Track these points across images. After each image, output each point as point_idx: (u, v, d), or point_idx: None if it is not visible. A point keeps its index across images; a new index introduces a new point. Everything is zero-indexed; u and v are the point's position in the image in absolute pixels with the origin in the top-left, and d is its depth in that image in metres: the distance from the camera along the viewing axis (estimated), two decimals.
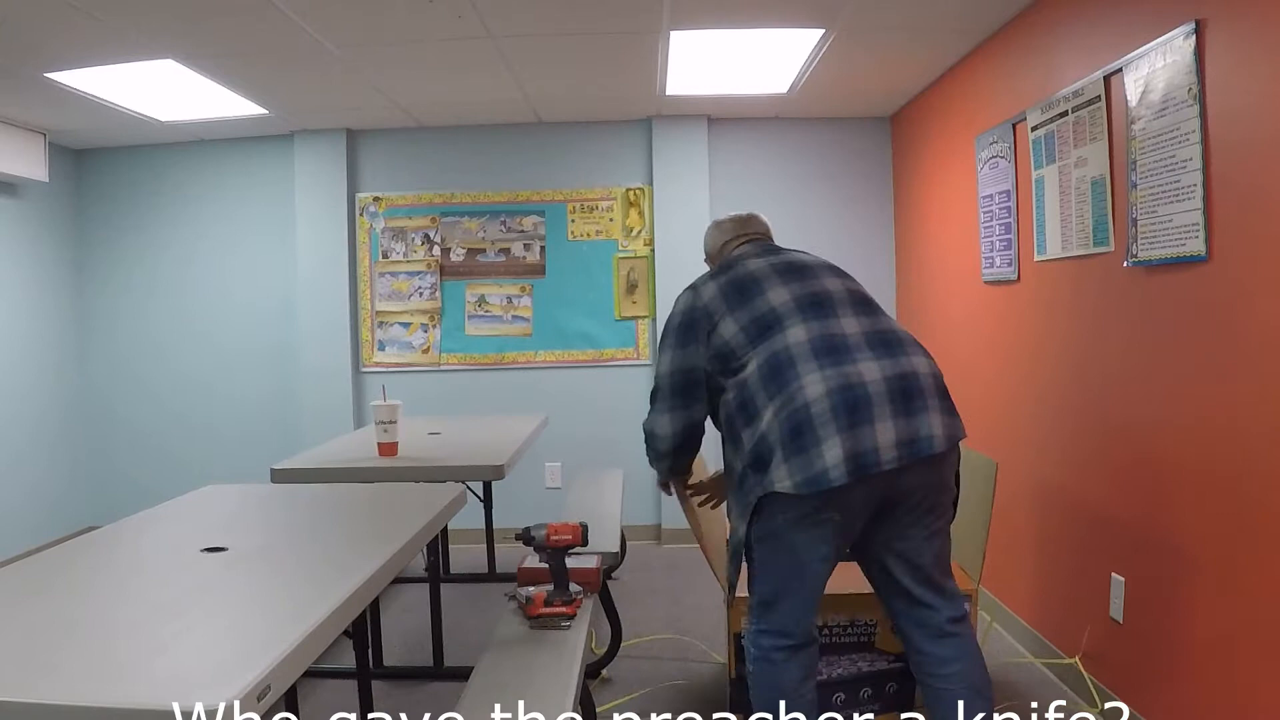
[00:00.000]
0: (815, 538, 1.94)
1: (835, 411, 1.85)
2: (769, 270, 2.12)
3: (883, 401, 1.87)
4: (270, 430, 5.06)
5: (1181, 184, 2.23)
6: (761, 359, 1.97)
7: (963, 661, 2.02)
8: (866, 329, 2.01)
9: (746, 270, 2.14)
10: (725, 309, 2.08)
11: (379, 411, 3.00)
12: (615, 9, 3.18)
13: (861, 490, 1.87)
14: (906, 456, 1.86)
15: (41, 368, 4.84)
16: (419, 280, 4.99)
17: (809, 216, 4.95)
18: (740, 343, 2.03)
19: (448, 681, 3.09)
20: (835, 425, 1.84)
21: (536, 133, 4.98)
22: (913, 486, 1.94)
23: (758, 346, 1.99)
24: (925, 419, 1.89)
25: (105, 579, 1.62)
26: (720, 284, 2.14)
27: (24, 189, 4.70)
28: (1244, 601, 2.07)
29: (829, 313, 2.02)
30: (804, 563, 1.97)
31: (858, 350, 1.95)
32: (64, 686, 1.12)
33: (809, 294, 2.05)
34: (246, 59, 3.58)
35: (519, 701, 1.95)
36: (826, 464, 1.83)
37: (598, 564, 2.68)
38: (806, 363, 1.92)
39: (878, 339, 1.99)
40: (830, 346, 1.94)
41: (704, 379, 2.13)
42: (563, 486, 5.02)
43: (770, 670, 2.02)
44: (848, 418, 1.85)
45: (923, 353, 2.02)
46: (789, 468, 1.85)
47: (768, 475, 1.89)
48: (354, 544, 1.85)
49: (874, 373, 1.90)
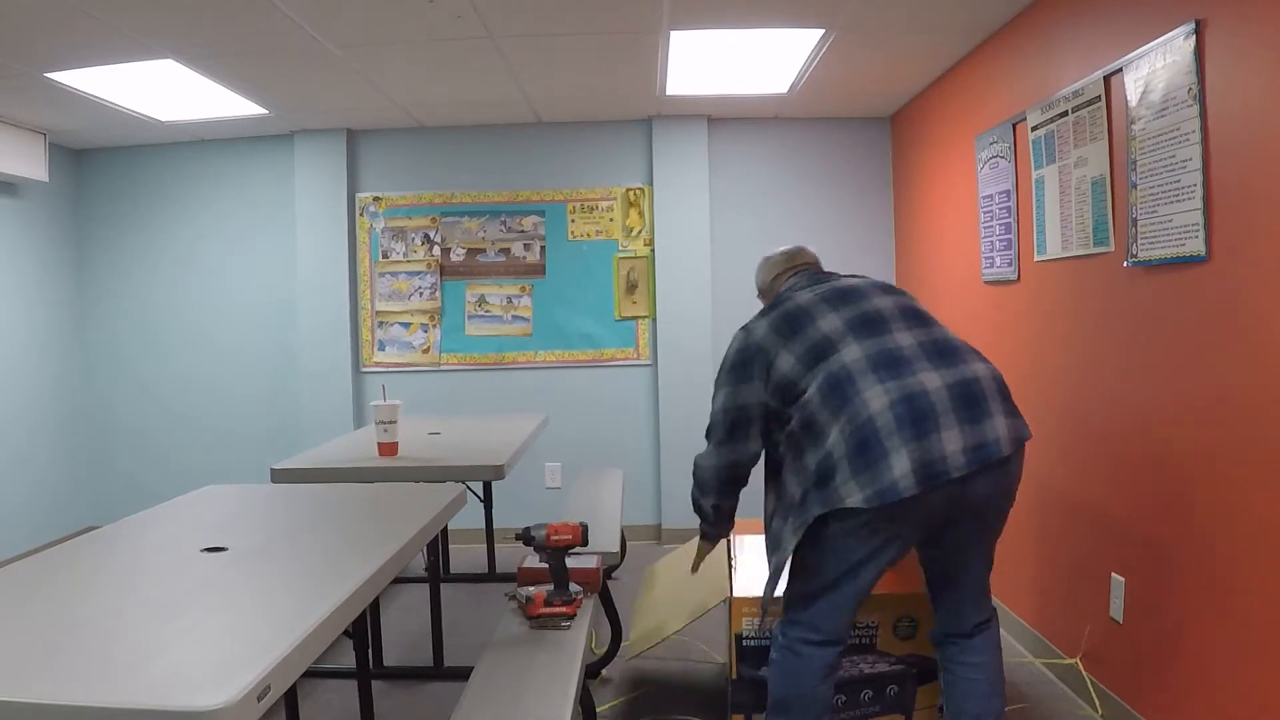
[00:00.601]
0: (873, 549, 1.94)
1: (900, 423, 1.86)
2: (817, 300, 2.13)
3: (947, 410, 1.88)
4: (270, 430, 5.06)
5: (1181, 184, 2.23)
6: (820, 380, 1.98)
7: (988, 653, 2.10)
8: (921, 340, 2.02)
9: (795, 304, 2.14)
10: (779, 343, 2.09)
11: (379, 411, 3.00)
12: (615, 9, 3.18)
13: (929, 501, 1.87)
14: (974, 462, 1.86)
15: (42, 368, 4.84)
16: (419, 280, 4.99)
17: (809, 216, 4.96)
18: (799, 372, 2.04)
19: (448, 681, 3.09)
20: (901, 436, 1.85)
21: (536, 133, 4.98)
22: (981, 495, 1.93)
23: (815, 371, 2.00)
24: (990, 423, 1.90)
25: (105, 579, 1.62)
26: (771, 320, 2.14)
27: (24, 189, 4.70)
28: (1244, 602, 2.07)
29: (882, 329, 2.03)
30: (855, 573, 1.97)
31: (916, 361, 1.95)
32: (64, 686, 1.12)
33: (859, 315, 2.07)
34: (246, 59, 3.58)
35: (519, 701, 1.95)
36: (895, 475, 1.83)
37: (598, 564, 2.68)
38: (865, 377, 1.93)
39: (934, 349, 2.00)
40: (888, 360, 1.95)
41: (758, 417, 2.16)
42: (563, 486, 5.02)
43: (793, 662, 2.05)
44: (913, 428, 1.85)
45: (980, 358, 2.03)
46: (857, 482, 1.86)
47: (833, 491, 1.89)
48: (354, 544, 1.85)
49: (935, 381, 1.91)
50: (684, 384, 4.89)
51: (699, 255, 4.89)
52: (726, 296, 4.97)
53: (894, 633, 2.51)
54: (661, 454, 4.92)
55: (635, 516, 4.99)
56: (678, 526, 4.89)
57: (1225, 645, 2.14)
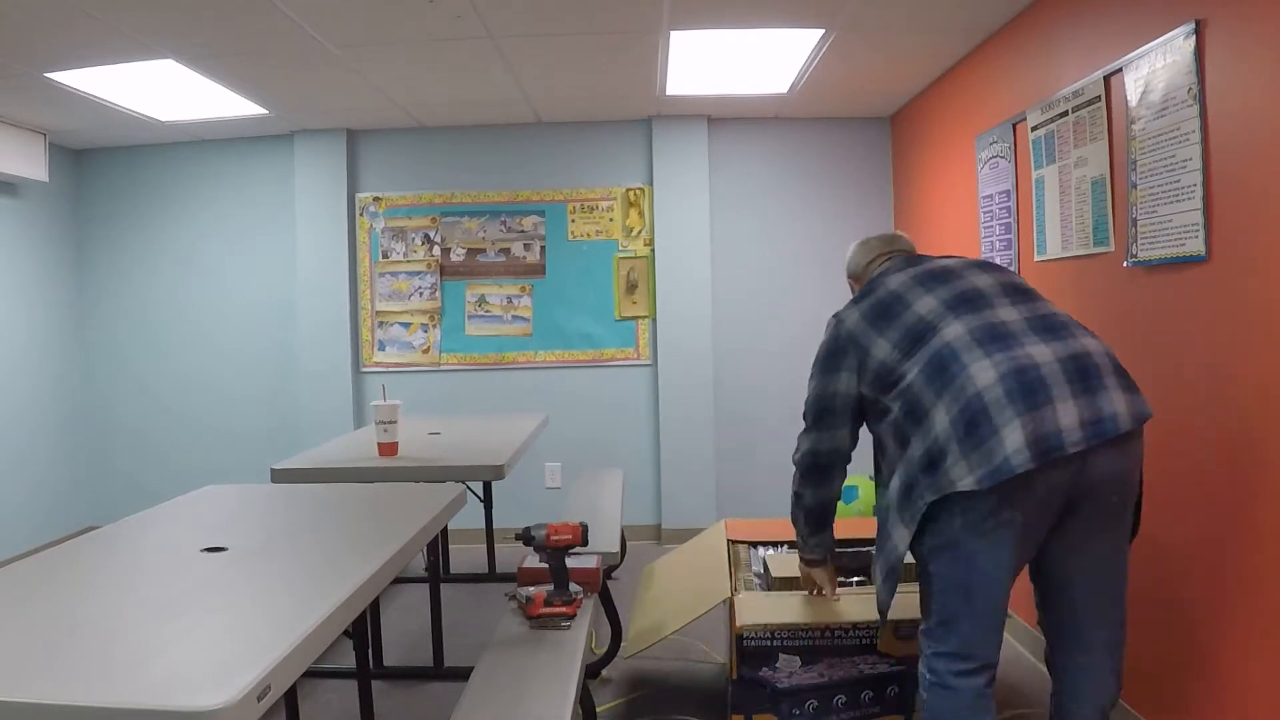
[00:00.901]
0: (996, 543, 1.78)
1: (1011, 396, 1.73)
2: (911, 282, 2.04)
3: (1060, 382, 1.74)
4: (270, 430, 5.06)
5: (1181, 184, 2.23)
6: (922, 363, 1.88)
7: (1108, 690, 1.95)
8: (1027, 315, 1.90)
9: (888, 289, 2.07)
10: (873, 332, 2.02)
11: (379, 411, 3.00)
12: (615, 9, 3.18)
13: (1047, 480, 1.73)
14: (1093, 437, 1.71)
15: (42, 368, 4.84)
16: (419, 280, 4.99)
17: (809, 216, 4.96)
18: (896, 359, 1.95)
19: (448, 681, 3.09)
20: (1014, 409, 1.72)
21: (536, 133, 4.98)
22: (1101, 476, 1.78)
23: (914, 355, 1.91)
24: (1106, 396, 1.75)
25: (105, 579, 1.62)
26: (863, 309, 2.08)
27: (24, 189, 4.70)
28: (1244, 602, 2.07)
29: (983, 305, 1.92)
30: (985, 574, 1.81)
31: (1023, 335, 1.84)
32: (64, 686, 1.12)
33: (956, 294, 1.96)
34: (246, 59, 3.58)
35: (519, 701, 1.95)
36: (1008, 450, 1.69)
37: (598, 564, 2.68)
38: (971, 352, 1.81)
39: (1040, 324, 1.88)
40: (994, 335, 1.84)
41: (846, 409, 2.12)
42: (563, 486, 5.02)
43: (948, 697, 1.85)
44: (1025, 400, 1.72)
45: (1090, 333, 1.90)
46: (968, 463, 1.73)
47: (943, 475, 1.76)
48: (354, 544, 1.85)
49: (1045, 355, 1.78)
50: (684, 384, 4.89)
51: (699, 255, 4.89)
52: (726, 296, 4.97)
53: (895, 633, 2.51)
54: (661, 454, 4.92)
55: (635, 516, 4.99)
56: (678, 526, 4.89)
57: (1225, 645, 2.14)
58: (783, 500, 4.90)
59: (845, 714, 2.54)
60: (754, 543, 3.11)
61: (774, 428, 4.99)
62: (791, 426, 5.52)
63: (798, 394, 5.40)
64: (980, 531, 1.78)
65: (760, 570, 2.87)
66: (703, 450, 4.90)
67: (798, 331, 4.94)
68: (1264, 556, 2.00)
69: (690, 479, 4.91)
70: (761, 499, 4.97)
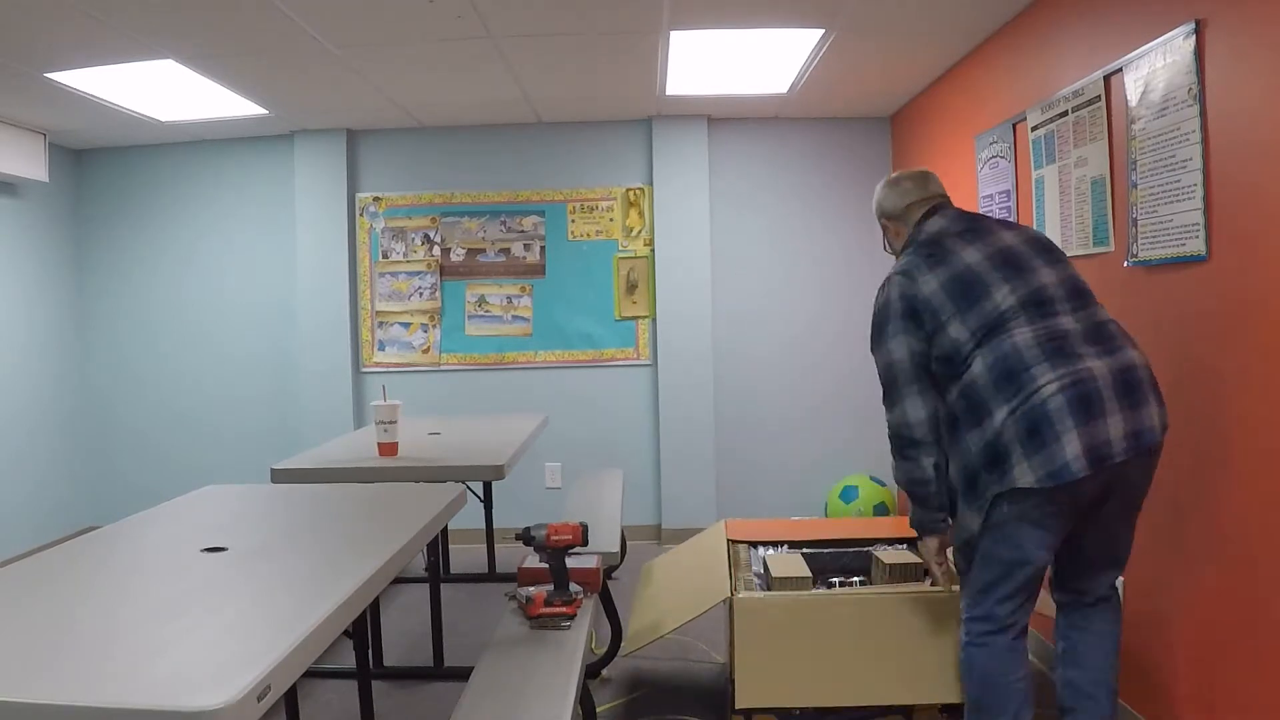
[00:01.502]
0: (1042, 528, 2.01)
1: (1071, 407, 1.93)
2: (987, 265, 2.12)
3: (1111, 396, 1.95)
4: (270, 430, 5.06)
5: (1181, 184, 2.23)
6: (990, 360, 2.02)
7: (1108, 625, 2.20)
8: (1084, 324, 2.07)
9: (964, 264, 2.13)
10: (953, 310, 2.10)
11: (379, 411, 3.00)
12: (615, 9, 3.18)
13: (1092, 481, 1.95)
14: (1133, 449, 1.95)
15: (42, 368, 4.84)
16: (419, 280, 4.99)
17: (809, 216, 4.96)
18: (968, 346, 2.07)
19: (448, 681, 3.09)
20: (1073, 419, 1.92)
21: (536, 133, 4.98)
22: (1134, 478, 2.04)
23: (983, 347, 2.05)
24: (1147, 411, 1.98)
25: (105, 579, 1.62)
26: (941, 280, 2.13)
27: (24, 189, 4.70)
28: (1245, 602, 2.07)
29: (1050, 311, 2.07)
30: (1027, 554, 2.03)
31: (1079, 346, 2.02)
32: (64, 686, 1.12)
33: (1031, 293, 2.09)
34: (246, 59, 3.58)
35: (519, 701, 1.95)
36: (1068, 457, 1.91)
37: (598, 564, 2.68)
38: (1039, 364, 1.99)
39: (1094, 333, 2.05)
40: (1057, 346, 2.01)
41: (925, 365, 2.15)
42: (563, 486, 5.02)
43: (980, 655, 2.10)
44: (1084, 412, 1.93)
45: (1133, 344, 2.08)
46: (1030, 464, 1.94)
47: (1007, 473, 1.97)
48: (354, 544, 1.85)
49: (1101, 368, 1.98)
50: (684, 384, 4.89)
51: (699, 255, 4.89)
52: (726, 296, 4.97)
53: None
54: (661, 454, 4.92)
55: (635, 516, 4.99)
56: (678, 526, 4.89)
57: (1226, 645, 2.14)
58: (783, 500, 4.95)
59: (845, 714, 2.54)
60: (754, 543, 3.11)
61: (774, 428, 4.99)
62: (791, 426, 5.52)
63: (798, 394, 5.42)
64: (1031, 520, 2.00)
65: (760, 570, 2.87)
66: (703, 450, 4.90)
67: (798, 331, 4.95)
68: (1265, 556, 2.00)
69: (690, 479, 4.91)
70: (761, 499, 4.97)
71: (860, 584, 2.74)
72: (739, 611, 2.54)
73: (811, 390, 4.97)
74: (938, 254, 2.17)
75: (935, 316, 2.11)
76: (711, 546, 3.09)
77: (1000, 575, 2.07)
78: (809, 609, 2.54)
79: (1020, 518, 2.00)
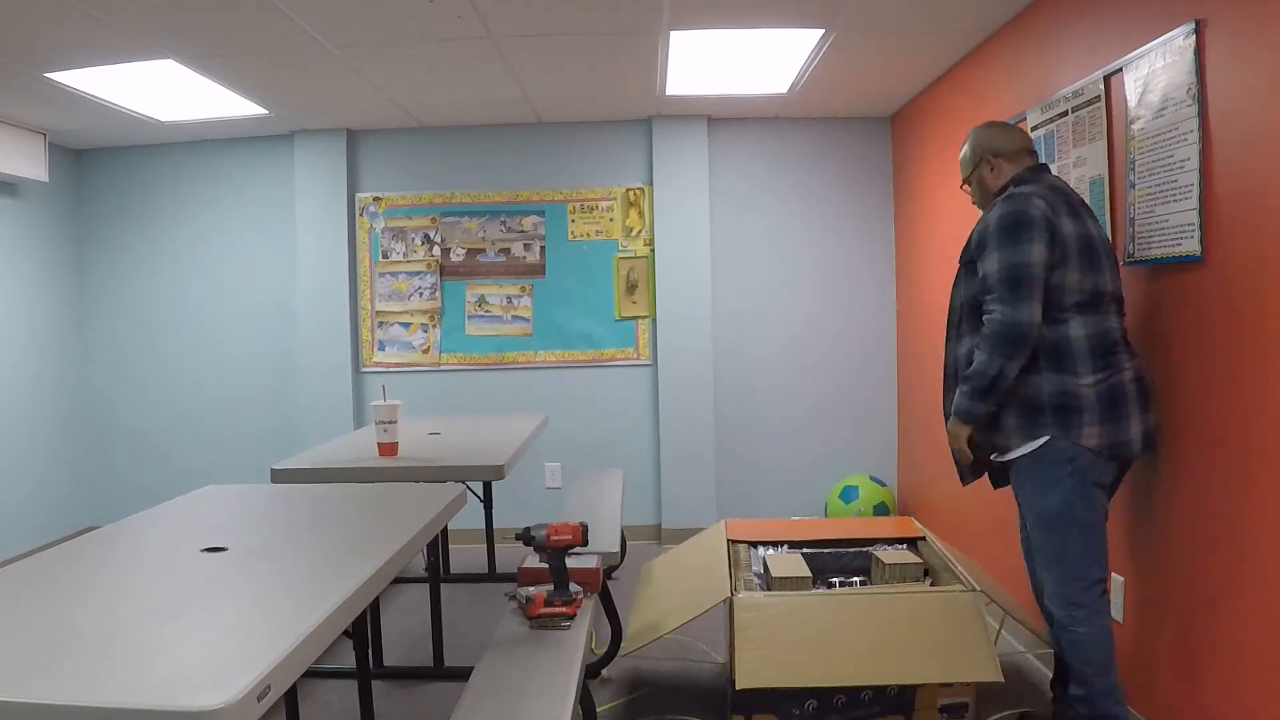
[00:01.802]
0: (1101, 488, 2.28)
1: (1137, 395, 2.23)
2: (1099, 248, 2.27)
3: (1146, 397, 2.27)
4: (270, 430, 5.06)
5: (1178, 184, 2.23)
6: (1091, 330, 2.22)
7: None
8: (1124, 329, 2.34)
9: (1088, 231, 2.26)
10: (1077, 261, 2.22)
11: (379, 411, 3.00)
12: (615, 9, 3.18)
13: (1127, 467, 2.30)
14: (1149, 446, 2.29)
15: (42, 368, 4.84)
16: (419, 280, 4.99)
17: (809, 216, 4.96)
18: (1070, 300, 2.21)
19: (448, 681, 3.09)
20: (1138, 406, 2.22)
21: (536, 133, 4.98)
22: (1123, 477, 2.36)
23: (1083, 314, 2.22)
24: (1152, 415, 2.29)
25: (105, 579, 1.62)
26: (1073, 232, 2.23)
27: (24, 189, 4.70)
28: (1245, 602, 2.07)
29: (1120, 310, 2.31)
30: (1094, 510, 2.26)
31: (1125, 347, 2.28)
32: (64, 686, 1.12)
33: (1116, 289, 2.31)
34: (246, 59, 3.58)
35: (519, 701, 1.95)
36: (1130, 435, 2.21)
37: (598, 564, 2.68)
38: (1123, 351, 2.25)
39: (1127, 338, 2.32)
40: (1125, 342, 2.28)
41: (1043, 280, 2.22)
42: (563, 486, 5.02)
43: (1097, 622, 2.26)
44: (1141, 403, 2.24)
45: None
46: (1101, 430, 2.19)
47: (1076, 428, 2.19)
48: (354, 544, 1.85)
49: (1141, 370, 2.28)
50: (684, 384, 4.89)
51: (699, 255, 4.89)
52: (726, 296, 4.97)
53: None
54: (661, 454, 4.92)
55: (635, 516, 4.99)
56: (678, 526, 4.89)
57: (1226, 645, 2.14)
58: (783, 500, 4.95)
59: (845, 713, 2.54)
60: (754, 543, 3.11)
61: (774, 428, 4.99)
62: (791, 426, 5.51)
63: (798, 394, 5.41)
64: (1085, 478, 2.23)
65: (760, 570, 2.87)
66: (703, 450, 4.91)
67: (798, 331, 4.95)
68: (1265, 556, 2.00)
69: (690, 479, 4.91)
70: (761, 499, 4.97)
71: (860, 584, 2.74)
72: (739, 611, 2.54)
73: (811, 390, 4.97)
74: (1064, 208, 2.25)
75: (1064, 250, 2.21)
76: (711, 546, 3.09)
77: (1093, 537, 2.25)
78: (809, 609, 2.54)
79: (1077, 472, 2.20)
